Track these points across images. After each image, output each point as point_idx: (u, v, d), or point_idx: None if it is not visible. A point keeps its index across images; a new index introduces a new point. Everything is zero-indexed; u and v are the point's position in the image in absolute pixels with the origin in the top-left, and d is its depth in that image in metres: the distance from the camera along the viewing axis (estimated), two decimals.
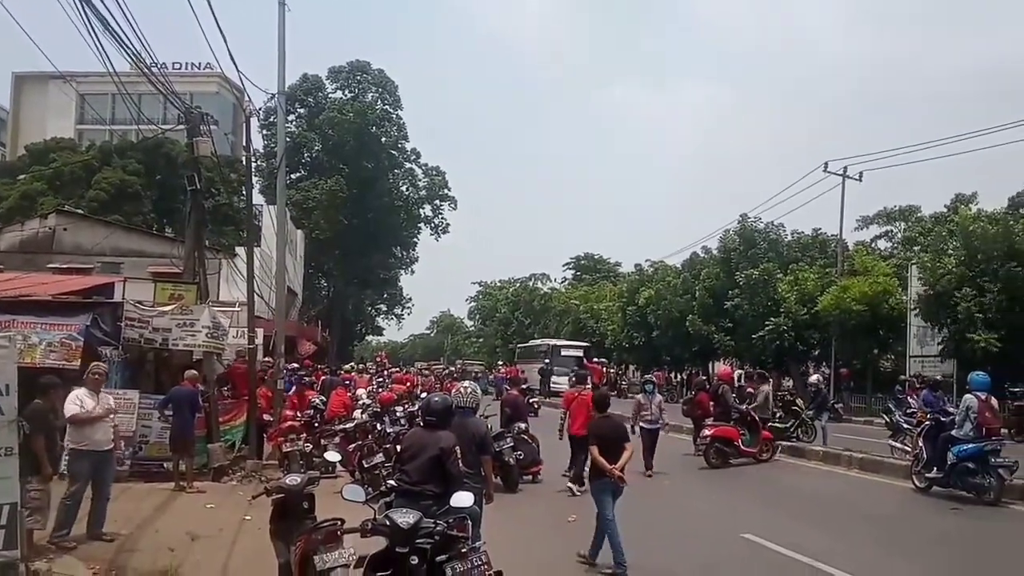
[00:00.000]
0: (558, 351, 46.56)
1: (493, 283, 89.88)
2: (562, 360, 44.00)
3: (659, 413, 15.91)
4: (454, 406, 7.80)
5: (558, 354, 45.86)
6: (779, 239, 41.17)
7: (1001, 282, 25.54)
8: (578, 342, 49.55)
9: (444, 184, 61.17)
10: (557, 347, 47.60)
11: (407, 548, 5.55)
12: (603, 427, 9.27)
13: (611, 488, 8.84)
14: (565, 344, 48.86)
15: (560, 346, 48.06)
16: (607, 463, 8.74)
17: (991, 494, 12.00)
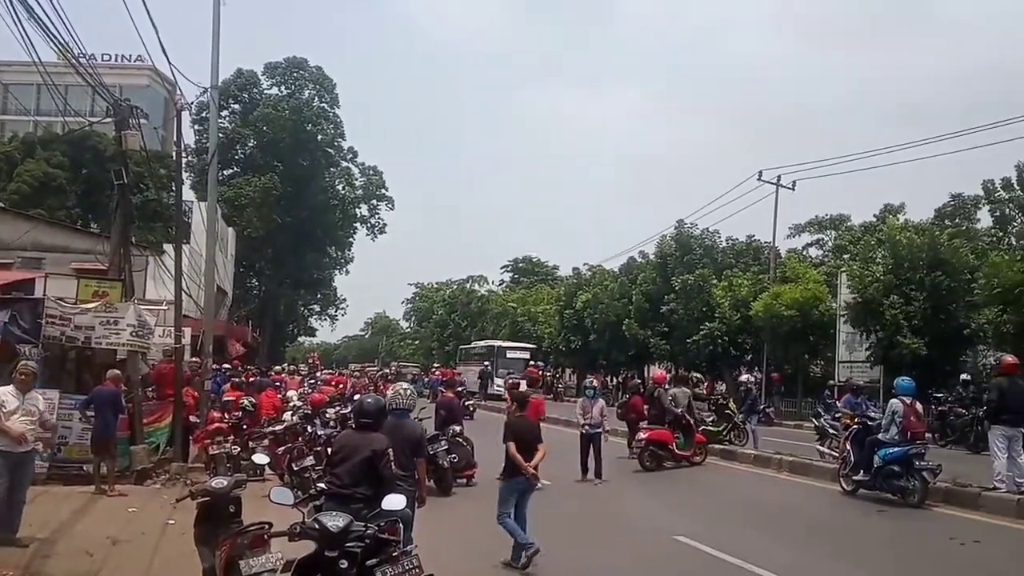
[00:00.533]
0: (504, 353, 46.04)
1: (430, 285, 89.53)
2: (508, 362, 43.67)
3: (600, 418, 15.75)
4: (391, 407, 7.82)
5: (503, 356, 45.42)
6: (714, 245, 41.83)
7: (926, 290, 26.30)
8: (525, 344, 49.02)
9: (381, 184, 60.63)
10: (503, 349, 46.99)
11: (336, 552, 5.39)
12: (520, 426, 9.35)
13: (524, 486, 8.97)
14: (511, 346, 48.22)
15: (506, 348, 47.40)
16: (523, 460, 8.88)
17: (915, 496, 12.23)
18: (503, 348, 47.27)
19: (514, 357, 44.97)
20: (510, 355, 45.65)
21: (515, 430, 9.25)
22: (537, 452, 9.10)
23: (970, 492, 12.35)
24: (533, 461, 9.00)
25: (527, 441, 9.11)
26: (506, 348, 47.33)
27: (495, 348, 47.54)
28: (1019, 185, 36.87)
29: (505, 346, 47.98)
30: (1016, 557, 9.33)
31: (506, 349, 47.02)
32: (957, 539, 10.06)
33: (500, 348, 47.32)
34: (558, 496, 13.94)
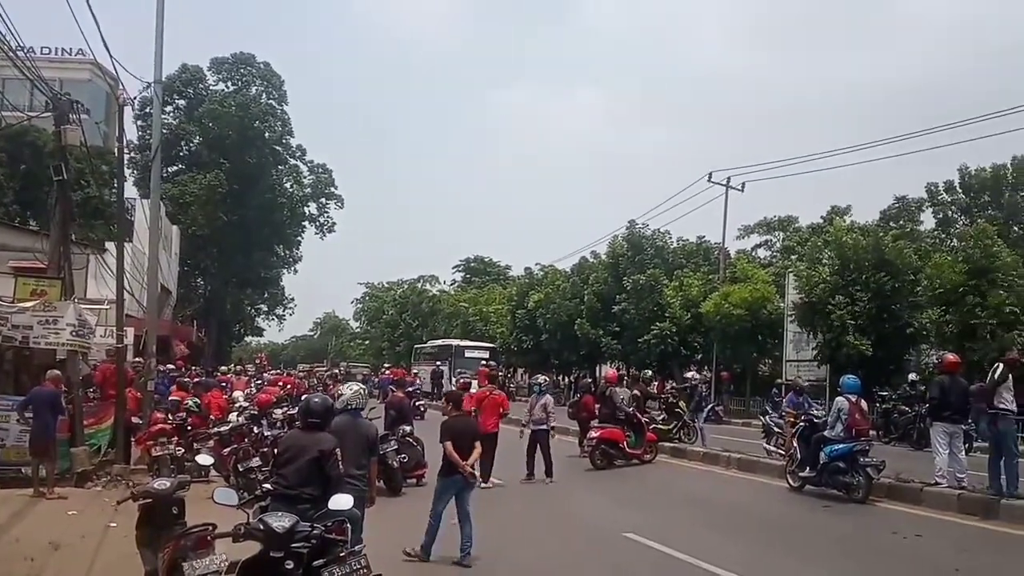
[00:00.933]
0: (461, 352, 44.85)
1: (380, 284, 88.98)
2: (466, 362, 42.02)
3: (543, 414, 15.70)
4: (347, 406, 7.87)
5: (462, 355, 44.16)
6: (665, 246, 42.14)
7: (871, 291, 26.77)
8: (483, 343, 47.81)
9: (330, 182, 59.94)
10: (461, 348, 45.82)
11: (282, 553, 5.30)
12: (457, 424, 9.48)
13: (460, 484, 9.04)
14: (469, 345, 46.92)
15: (464, 347, 46.12)
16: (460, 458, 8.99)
17: (860, 492, 12.45)
18: (461, 347, 46.01)
19: (473, 356, 43.27)
20: (468, 354, 44.26)
21: (451, 429, 9.34)
22: (475, 450, 9.27)
23: (912, 487, 12.59)
24: (470, 459, 9.13)
25: (464, 440, 9.23)
26: (464, 347, 46.05)
27: (452, 347, 46.34)
28: (961, 188, 37.84)
29: (463, 345, 46.69)
30: (957, 550, 9.50)
31: (464, 348, 45.75)
32: (900, 533, 10.25)
33: (458, 347, 46.03)
34: (509, 495, 13.94)
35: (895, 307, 26.88)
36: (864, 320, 26.53)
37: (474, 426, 9.69)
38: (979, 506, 11.34)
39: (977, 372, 18.57)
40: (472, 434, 9.44)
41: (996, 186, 36.70)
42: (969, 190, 37.59)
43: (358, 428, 7.75)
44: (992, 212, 35.81)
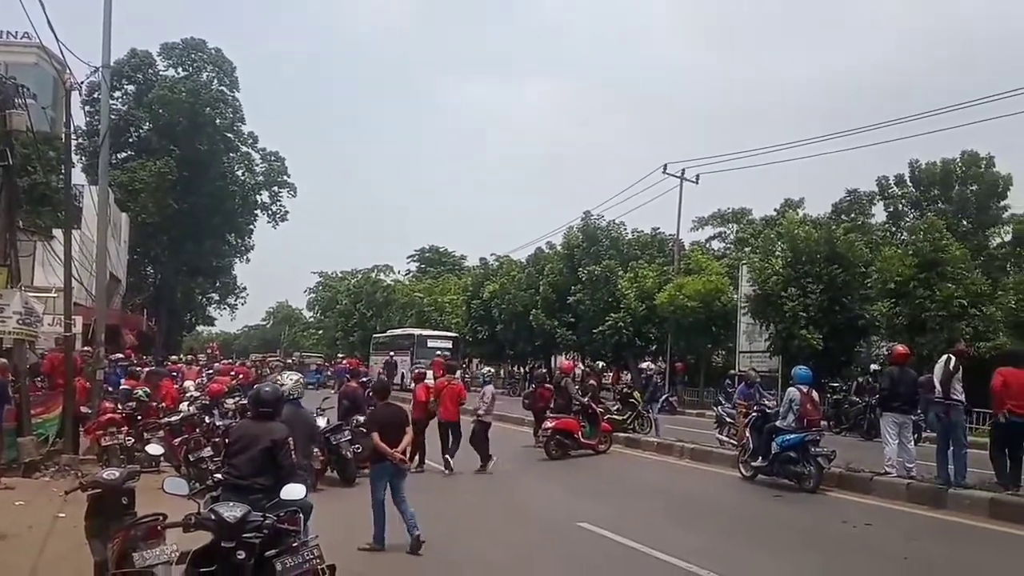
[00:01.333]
0: (424, 341, 43.59)
1: (334, 274, 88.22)
2: (428, 351, 40.15)
3: (482, 404, 15.73)
4: (288, 396, 7.82)
5: (424, 345, 42.86)
6: (620, 237, 42.36)
7: (823, 283, 27.13)
8: (446, 333, 46.93)
9: (283, 170, 59.10)
10: (423, 337, 44.50)
11: (234, 542, 5.22)
12: (384, 414, 9.80)
13: (391, 472, 9.22)
14: (432, 335, 45.70)
15: (426, 336, 44.94)
16: (387, 447, 9.16)
17: (811, 482, 12.61)
18: (423, 337, 44.80)
19: (434, 346, 42.13)
20: (430, 344, 42.92)
21: (379, 419, 9.68)
22: (404, 437, 9.45)
23: (862, 477, 12.78)
24: (399, 447, 9.31)
25: (392, 428, 9.43)
26: (426, 336, 44.89)
27: (414, 337, 44.95)
28: (912, 182, 38.57)
29: (425, 335, 45.45)
30: (906, 539, 9.65)
31: (426, 338, 44.49)
32: (850, 522, 10.39)
33: (420, 337, 44.66)
34: (463, 485, 13.91)
35: (846, 299, 27.27)
36: (816, 312, 26.87)
37: (401, 415, 9.80)
38: (928, 495, 11.55)
39: (926, 364, 18.91)
40: (399, 423, 9.59)
41: (946, 180, 37.49)
42: (919, 184, 38.35)
43: (303, 418, 7.86)
44: (942, 206, 36.60)
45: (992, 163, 36.81)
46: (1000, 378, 11.60)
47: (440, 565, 8.59)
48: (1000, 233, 35.67)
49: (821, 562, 8.63)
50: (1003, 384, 11.49)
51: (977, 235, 34.89)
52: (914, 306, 23.89)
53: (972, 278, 24.31)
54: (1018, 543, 9.42)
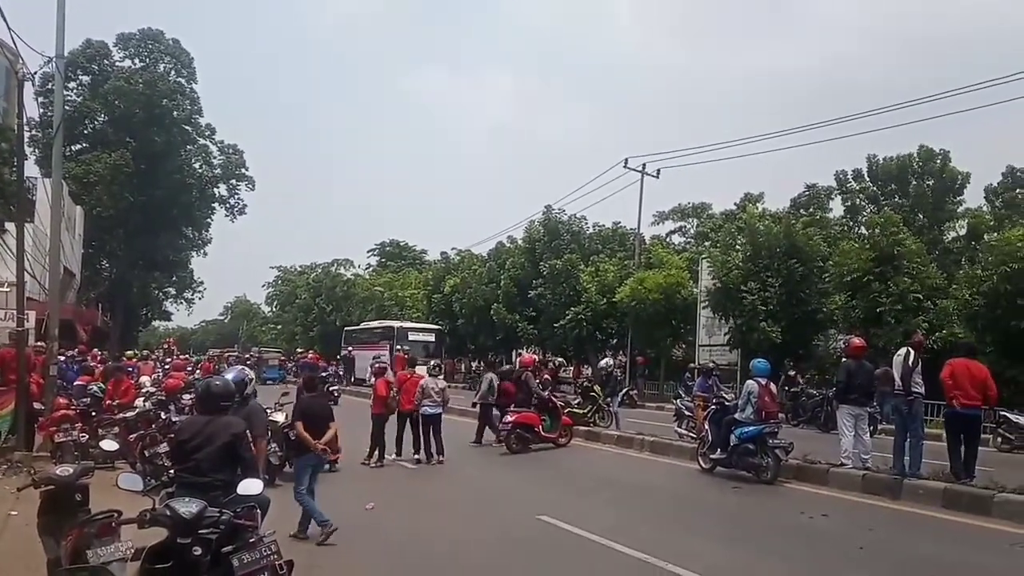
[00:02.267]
0: (405, 335, 40.49)
1: (293, 268, 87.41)
2: (410, 345, 37.41)
3: (440, 397, 15.71)
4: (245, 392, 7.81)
5: (404, 338, 39.71)
6: (581, 231, 42.49)
7: (782, 277, 27.37)
8: (428, 325, 43.98)
9: (241, 163, 58.15)
10: (404, 330, 41.31)
11: (190, 539, 5.13)
12: (310, 406, 10.19)
13: (313, 461, 9.55)
14: (414, 327, 42.72)
15: (407, 329, 41.84)
16: (311, 439, 9.57)
17: (768, 473, 12.67)
18: (404, 329, 41.62)
19: (417, 340, 40.10)
20: (412, 337, 40.33)
21: (304, 410, 10.04)
22: (328, 430, 9.93)
23: (819, 468, 12.86)
24: (323, 439, 9.76)
25: (317, 419, 9.88)
26: (407, 329, 41.83)
27: (394, 330, 41.61)
28: (869, 177, 39.03)
29: (406, 327, 42.31)
30: (862, 529, 9.69)
31: (407, 331, 41.47)
32: (807, 513, 10.42)
33: (400, 330, 41.47)
34: (422, 478, 13.80)
35: (804, 293, 27.54)
36: (775, 306, 27.10)
37: (327, 409, 10.35)
38: (883, 486, 11.63)
39: (882, 356, 19.14)
40: (324, 416, 10.04)
41: (902, 176, 37.97)
42: (877, 179, 38.82)
43: (257, 413, 8.17)
44: (898, 200, 37.07)
45: (948, 159, 37.37)
46: (949, 369, 11.78)
47: (400, 559, 8.49)
48: (955, 228, 36.23)
49: (779, 552, 8.63)
50: (951, 375, 11.65)
51: (932, 230, 35.44)
52: (870, 300, 24.15)
53: (927, 272, 24.64)
54: (968, 532, 9.52)
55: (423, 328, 42.99)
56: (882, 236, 25.32)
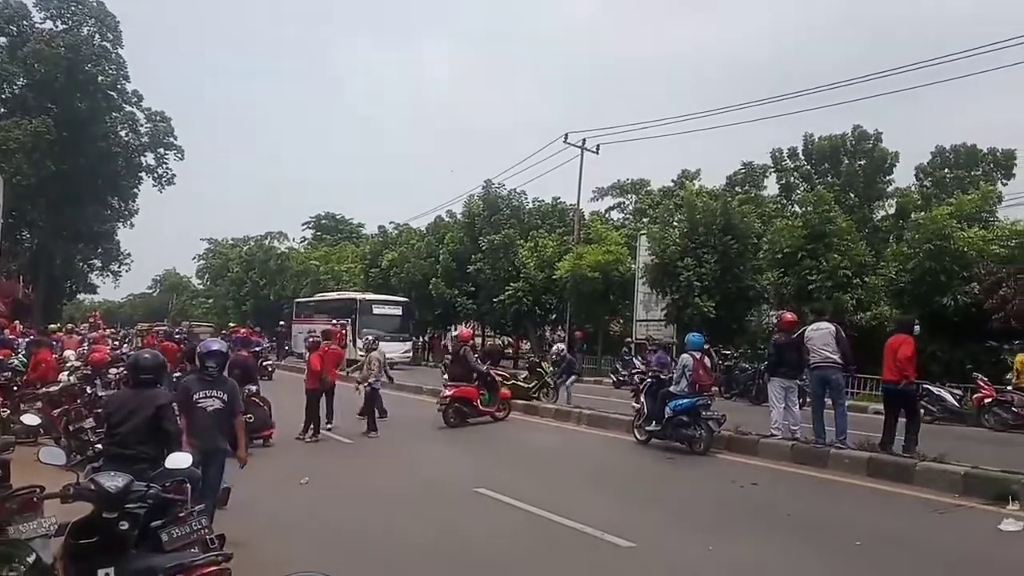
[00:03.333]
0: (369, 308, 37.10)
1: (225, 240, 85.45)
2: (375, 320, 35.09)
3: (379, 372, 15.62)
4: None
5: (368, 312, 36.69)
6: (521, 206, 42.45)
7: (718, 253, 27.82)
8: (396, 298, 40.29)
9: (169, 131, 56.15)
10: (368, 303, 37.72)
11: (116, 513, 4.96)
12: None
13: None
14: (379, 299, 39.08)
15: (371, 302, 38.15)
16: None
17: (701, 444, 12.91)
18: (367, 302, 37.87)
19: (383, 313, 37.04)
20: (377, 311, 37.09)
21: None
22: None
23: (750, 439, 13.14)
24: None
25: None
26: (372, 302, 37.97)
27: (357, 302, 37.78)
28: (804, 155, 39.73)
29: (370, 299, 38.53)
30: (789, 497, 9.98)
31: (371, 303, 37.82)
32: (738, 482, 10.66)
33: (364, 302, 37.71)
34: (359, 453, 13.72)
35: (739, 269, 28.03)
36: (710, 281, 27.53)
37: None
38: (811, 456, 11.93)
39: None
40: None
41: (835, 155, 38.73)
42: (811, 158, 39.54)
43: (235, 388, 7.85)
44: (831, 179, 37.82)
45: (880, 139, 38.23)
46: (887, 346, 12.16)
47: (335, 533, 8.40)
48: (884, 207, 37.19)
49: (710, 520, 8.80)
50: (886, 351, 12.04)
51: (863, 208, 36.27)
52: (801, 276, 24.67)
53: (857, 249, 25.24)
54: (891, 499, 9.83)
55: (390, 301, 39.39)
56: (814, 214, 25.84)
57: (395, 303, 39.13)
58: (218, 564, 4.85)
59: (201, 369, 7.65)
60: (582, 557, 7.45)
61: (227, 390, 7.59)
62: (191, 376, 7.99)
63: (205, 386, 7.50)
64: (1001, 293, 20.54)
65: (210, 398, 7.46)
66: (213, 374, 7.54)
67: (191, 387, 7.57)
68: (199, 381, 7.62)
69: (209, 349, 7.69)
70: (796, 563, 7.27)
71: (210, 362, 7.54)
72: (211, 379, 7.53)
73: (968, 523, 8.64)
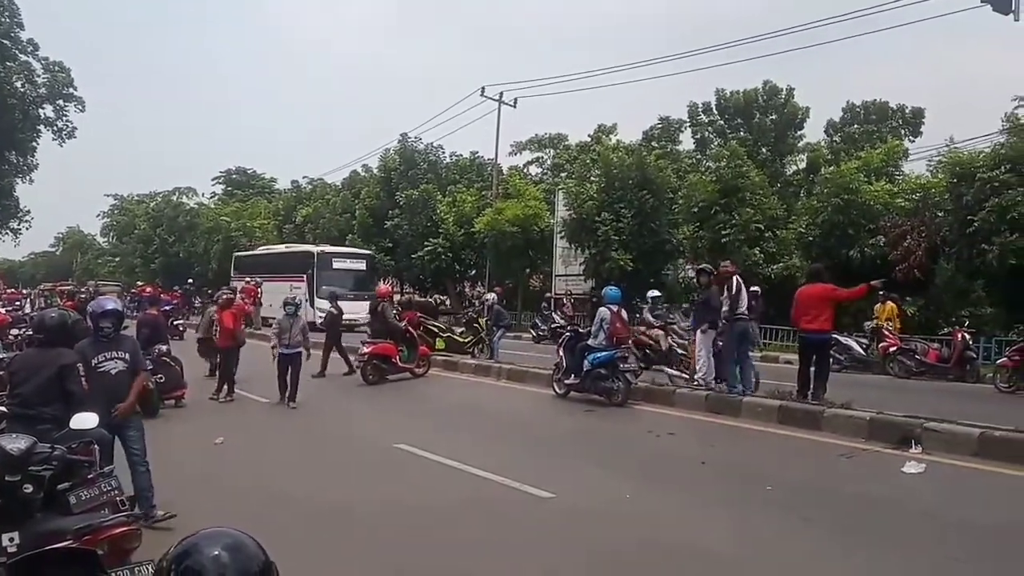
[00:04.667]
0: (328, 262, 32.71)
1: (131, 196, 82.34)
2: (334, 276, 30.80)
3: (300, 337, 14.54)
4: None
5: (328, 267, 32.32)
6: (439, 161, 42.09)
7: (634, 208, 28.07)
8: (357, 250, 36.50)
9: (69, 82, 53.46)
10: (327, 256, 33.27)
11: (19, 476, 4.77)
12: None
13: None
14: (339, 252, 34.80)
15: (331, 255, 33.72)
16: None
17: (619, 396, 13.11)
18: (327, 255, 33.38)
19: (343, 268, 32.85)
20: (338, 265, 32.82)
21: None
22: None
23: (666, 390, 13.45)
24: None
25: None
26: (331, 255, 33.63)
27: (313, 256, 33.17)
28: (718, 111, 40.20)
29: (329, 252, 34.06)
30: (703, 445, 10.24)
31: (331, 257, 33.42)
32: (654, 432, 10.87)
33: (323, 255, 33.22)
34: (277, 413, 13.50)
35: (655, 224, 28.37)
36: (627, 236, 27.83)
37: None
38: (725, 405, 12.24)
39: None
40: None
41: (747, 111, 39.29)
42: (724, 113, 40.04)
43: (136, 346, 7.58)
44: (744, 134, 38.40)
45: (792, 95, 38.89)
46: (796, 296, 12.44)
47: (252, 492, 8.21)
48: (795, 161, 38.01)
49: (628, 469, 8.95)
50: (797, 302, 12.28)
51: (775, 163, 37.00)
52: (715, 230, 25.13)
53: (769, 203, 25.83)
54: (801, 445, 10.20)
55: (352, 254, 35.19)
56: (727, 169, 26.28)
57: (358, 256, 34.98)
58: (128, 524, 4.72)
59: (96, 331, 7.13)
60: (502, 509, 7.50)
61: (128, 349, 7.19)
62: (85, 341, 7.20)
63: (103, 348, 7.01)
64: (905, 245, 21.32)
65: (112, 360, 7.01)
66: (109, 334, 7.06)
67: (87, 352, 6.92)
68: (95, 344, 7.06)
69: (103, 308, 7.20)
70: (709, 508, 7.45)
71: (104, 322, 7.04)
72: (107, 340, 7.06)
73: (873, 466, 8.99)
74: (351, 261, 33.81)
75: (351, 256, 34.60)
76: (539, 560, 6.12)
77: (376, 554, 6.37)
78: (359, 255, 35.07)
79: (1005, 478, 8.28)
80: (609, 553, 6.27)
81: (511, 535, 6.73)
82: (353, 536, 6.83)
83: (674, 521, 7.07)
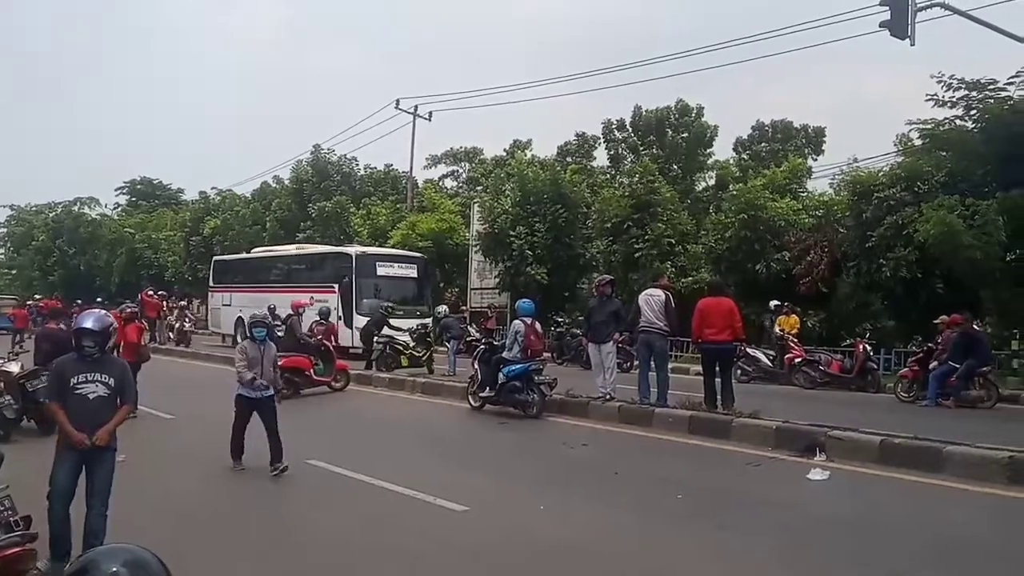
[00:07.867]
0: (371, 267, 25.63)
1: (28, 207, 79.24)
2: (382, 285, 25.48)
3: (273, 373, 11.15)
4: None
5: (371, 273, 25.51)
6: (352, 172, 41.73)
7: (548, 222, 28.29)
8: (409, 253, 28.98)
9: None
10: (369, 259, 25.99)
11: None
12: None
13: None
14: (385, 255, 27.91)
15: (376, 258, 26.60)
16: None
17: (534, 408, 13.18)
18: (369, 258, 26.17)
19: (392, 275, 26.15)
20: (383, 270, 26.03)
21: None
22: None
23: (580, 403, 13.53)
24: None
25: None
26: (375, 258, 26.54)
27: (352, 258, 25.52)
28: (632, 127, 40.97)
29: (372, 255, 26.80)
30: (616, 455, 10.38)
31: (376, 260, 26.26)
32: (568, 443, 10.96)
33: (364, 258, 25.81)
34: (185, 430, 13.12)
35: (569, 238, 28.63)
36: (542, 250, 28.00)
37: None
38: (637, 416, 12.41)
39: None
40: None
41: (660, 128, 40.17)
42: (638, 129, 40.84)
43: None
44: (656, 151, 39.22)
45: (701, 113, 39.96)
46: (698, 308, 12.77)
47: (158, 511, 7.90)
48: (705, 178, 39.01)
49: (542, 481, 8.99)
50: (699, 313, 12.61)
51: (686, 179, 37.88)
52: (628, 244, 25.52)
53: (680, 219, 26.36)
54: (711, 454, 10.44)
55: (401, 257, 28.04)
56: (640, 184, 26.75)
57: (408, 260, 27.60)
58: (22, 545, 4.53)
59: (78, 349, 6.17)
60: (416, 523, 7.41)
61: (115, 373, 6.26)
62: (67, 356, 6.30)
63: (85, 368, 6.11)
64: (808, 259, 22.01)
65: (92, 383, 6.12)
66: (92, 353, 6.11)
67: (66, 370, 6.14)
68: (77, 362, 6.16)
69: (80, 326, 6.17)
70: (621, 517, 7.52)
71: (87, 341, 6.08)
72: (92, 360, 6.13)
73: (780, 473, 9.25)
74: (399, 266, 26.85)
75: (401, 259, 27.59)
76: (450, 574, 6.08)
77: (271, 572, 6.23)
78: (410, 259, 27.79)
79: (904, 483, 8.61)
80: (522, 564, 6.27)
81: (423, 548, 6.65)
82: (250, 554, 6.65)
83: (587, 530, 7.11)
